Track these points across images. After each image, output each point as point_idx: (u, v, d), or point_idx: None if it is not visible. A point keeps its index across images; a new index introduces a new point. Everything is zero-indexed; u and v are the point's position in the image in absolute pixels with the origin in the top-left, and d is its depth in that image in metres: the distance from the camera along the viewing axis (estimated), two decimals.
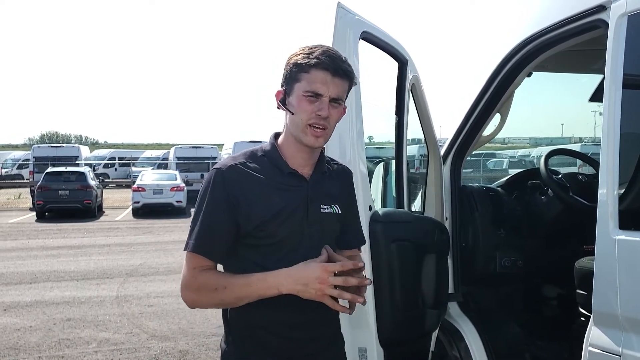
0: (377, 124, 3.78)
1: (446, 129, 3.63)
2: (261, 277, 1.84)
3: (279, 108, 1.98)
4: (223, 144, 31.24)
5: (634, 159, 2.15)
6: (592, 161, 3.99)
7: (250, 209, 1.88)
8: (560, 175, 3.73)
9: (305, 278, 1.81)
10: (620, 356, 2.10)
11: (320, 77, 1.86)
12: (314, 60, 1.85)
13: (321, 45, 1.92)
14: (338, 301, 1.87)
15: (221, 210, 1.88)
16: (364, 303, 1.87)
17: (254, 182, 1.91)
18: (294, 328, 1.94)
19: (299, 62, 1.88)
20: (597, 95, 3.72)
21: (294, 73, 1.90)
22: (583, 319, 2.81)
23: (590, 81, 3.96)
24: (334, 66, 1.86)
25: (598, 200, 2.20)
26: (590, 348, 2.25)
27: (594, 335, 2.24)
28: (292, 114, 1.91)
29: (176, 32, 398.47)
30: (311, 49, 1.90)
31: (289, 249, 1.91)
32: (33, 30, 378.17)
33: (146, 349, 6.52)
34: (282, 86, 1.96)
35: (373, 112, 3.21)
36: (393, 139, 3.35)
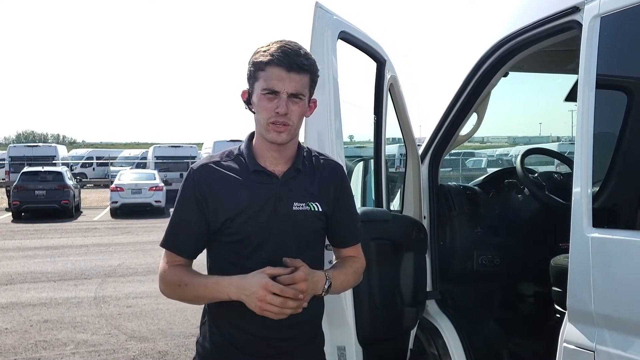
0: (356, 124, 3.79)
1: (426, 128, 3.65)
2: (216, 280, 1.90)
3: (246, 108, 2.00)
4: (203, 143, 31.09)
5: (607, 158, 2.19)
6: (567, 160, 4.04)
7: (216, 207, 1.93)
8: (536, 174, 3.79)
9: (247, 289, 1.82)
10: (593, 352, 2.14)
11: (275, 74, 1.86)
12: (268, 57, 1.86)
13: (280, 41, 1.91)
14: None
15: (190, 208, 1.97)
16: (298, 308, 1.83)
17: (223, 180, 1.95)
18: (262, 327, 1.94)
19: (256, 60, 1.90)
20: (572, 95, 3.77)
21: (252, 72, 1.91)
22: (559, 315, 2.85)
23: (567, 81, 4.01)
24: (288, 61, 1.85)
25: (572, 198, 2.24)
26: (565, 344, 2.28)
27: (569, 332, 2.27)
28: (255, 113, 1.94)
29: (154, 30, 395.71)
30: (268, 45, 1.90)
31: (255, 246, 1.93)
32: (8, 28, 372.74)
33: (125, 350, 6.47)
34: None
35: (352, 112, 3.23)
36: (372, 139, 3.37)
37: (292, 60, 1.85)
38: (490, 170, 4.68)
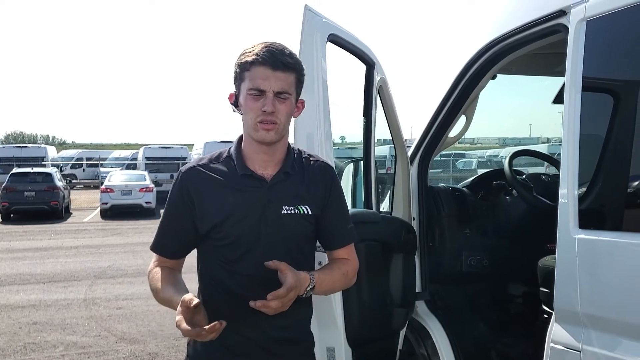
0: (345, 126, 3.81)
1: (417, 129, 3.67)
2: (173, 300, 1.84)
3: (234, 111, 2.00)
4: (193, 144, 31.03)
5: (594, 160, 2.22)
6: (554, 161, 4.08)
7: (203, 210, 1.94)
8: (524, 176, 3.81)
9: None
10: (580, 352, 2.16)
11: (260, 73, 1.87)
12: (253, 57, 1.87)
13: (264, 42, 1.92)
14: None
15: (176, 212, 1.99)
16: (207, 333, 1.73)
17: (211, 183, 1.96)
18: (254, 328, 1.95)
19: (241, 61, 1.91)
20: (560, 98, 3.80)
21: (238, 73, 1.92)
22: (546, 316, 2.87)
23: (557, 83, 4.04)
24: (273, 60, 1.86)
25: (559, 200, 2.26)
26: (552, 344, 2.30)
27: (556, 332, 2.29)
28: (242, 114, 1.94)
29: (146, 31, 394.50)
30: (253, 47, 1.91)
31: (244, 250, 1.92)
32: None
33: (115, 351, 6.45)
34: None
35: (341, 114, 3.24)
36: (361, 140, 3.38)
37: (277, 59, 1.87)
38: (481, 172, 4.70)
